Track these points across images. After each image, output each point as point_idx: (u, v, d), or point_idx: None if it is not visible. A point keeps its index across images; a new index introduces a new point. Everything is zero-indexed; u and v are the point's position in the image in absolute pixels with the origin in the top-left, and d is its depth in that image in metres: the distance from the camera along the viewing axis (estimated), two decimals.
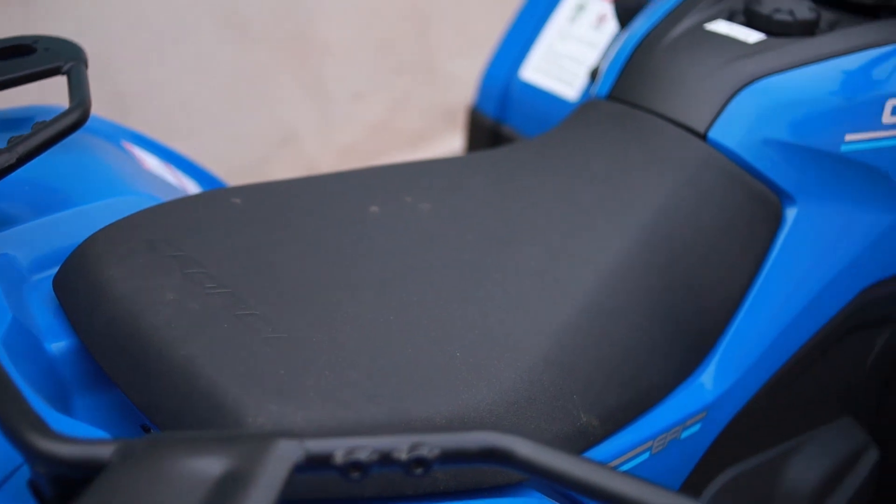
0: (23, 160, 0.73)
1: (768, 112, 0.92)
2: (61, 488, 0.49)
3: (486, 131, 1.48)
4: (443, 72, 2.41)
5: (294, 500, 0.51)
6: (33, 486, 0.52)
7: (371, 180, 0.90)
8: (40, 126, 0.76)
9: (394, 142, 2.38)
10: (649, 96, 0.96)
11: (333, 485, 0.61)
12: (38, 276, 0.77)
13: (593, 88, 1.05)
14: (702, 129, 0.92)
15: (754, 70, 0.93)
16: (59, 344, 0.72)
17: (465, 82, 2.06)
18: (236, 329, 0.67)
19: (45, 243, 0.79)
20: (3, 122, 0.92)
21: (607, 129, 0.96)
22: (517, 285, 0.77)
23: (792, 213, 0.93)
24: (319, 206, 0.84)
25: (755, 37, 0.97)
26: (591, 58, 1.38)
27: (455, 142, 2.39)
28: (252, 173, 2.10)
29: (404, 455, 0.48)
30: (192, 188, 1.05)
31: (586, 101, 1.04)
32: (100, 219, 0.79)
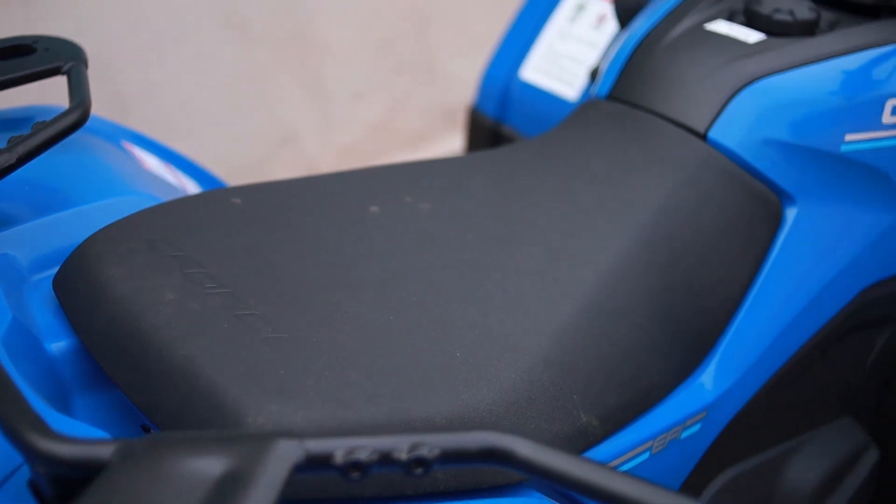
0: (23, 160, 0.73)
1: (768, 112, 0.92)
2: (61, 488, 0.49)
3: (486, 131, 1.48)
4: (443, 72, 2.41)
5: (294, 500, 0.51)
6: (33, 486, 0.52)
7: (371, 180, 0.90)
8: (40, 126, 0.76)
9: (394, 142, 2.38)
10: (649, 96, 0.96)
11: (333, 485, 0.61)
12: (38, 276, 0.77)
13: (593, 88, 1.05)
14: (702, 129, 0.92)
15: (754, 70, 0.93)
16: (59, 344, 0.72)
17: (465, 82, 2.06)
18: (236, 329, 0.67)
19: (45, 243, 0.79)
20: (3, 122, 0.92)
21: (607, 129, 0.96)
22: (517, 285, 0.77)
23: (792, 213, 0.93)
24: (319, 206, 0.84)
25: (755, 37, 0.97)
26: (591, 58, 1.38)
27: (455, 142, 2.39)
28: (252, 173, 2.10)
29: (404, 455, 0.48)
30: (192, 188, 1.05)
31: (586, 101, 1.04)
32: (100, 219, 0.79)
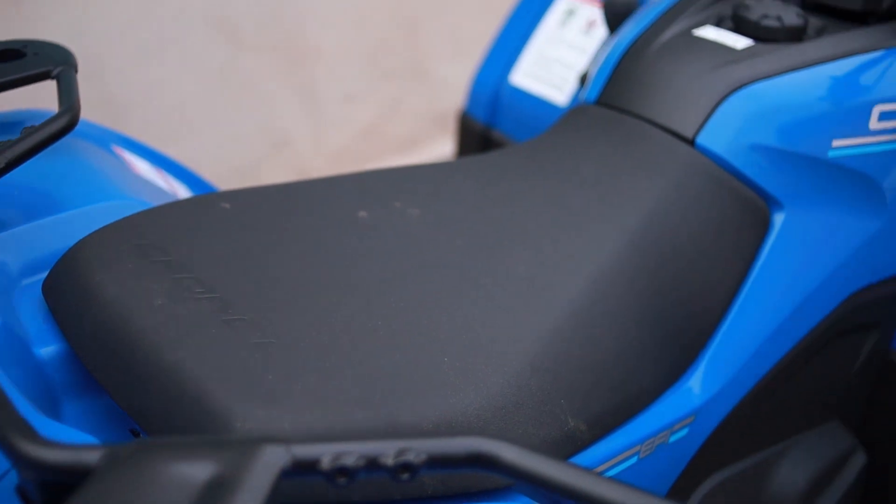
0: (11, 165, 0.73)
1: (756, 118, 0.92)
2: (49, 494, 0.49)
3: (477, 136, 1.49)
4: (433, 76, 2.41)
5: None
6: (21, 491, 0.52)
7: (360, 185, 0.90)
8: (29, 131, 0.76)
9: (385, 146, 2.38)
10: (638, 101, 0.97)
11: (320, 490, 0.61)
12: (27, 281, 0.77)
13: (582, 93, 1.05)
14: (690, 134, 0.92)
15: (742, 76, 0.93)
16: (48, 349, 0.72)
17: (456, 87, 2.07)
18: (224, 334, 0.67)
19: (34, 248, 0.79)
20: None
21: (596, 134, 0.97)
22: (505, 290, 0.77)
23: (779, 219, 0.93)
24: (308, 211, 0.84)
25: (743, 42, 0.97)
26: (581, 63, 1.38)
27: (446, 146, 2.39)
28: (244, 177, 2.10)
29: (391, 461, 0.48)
30: (183, 192, 1.05)
31: (575, 106, 1.04)
32: (89, 223, 0.79)
